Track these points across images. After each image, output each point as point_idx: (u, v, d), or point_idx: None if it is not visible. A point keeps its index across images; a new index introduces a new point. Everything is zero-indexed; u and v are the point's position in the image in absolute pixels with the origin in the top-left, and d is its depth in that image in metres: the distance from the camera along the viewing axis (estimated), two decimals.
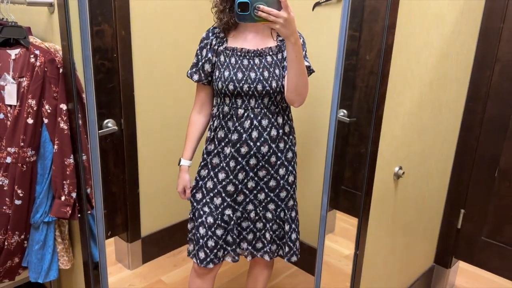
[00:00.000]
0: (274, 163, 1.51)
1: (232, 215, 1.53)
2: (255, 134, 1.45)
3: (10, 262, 1.46)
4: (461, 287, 2.33)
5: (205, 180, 1.54)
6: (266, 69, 1.43)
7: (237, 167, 1.49)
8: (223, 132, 1.49)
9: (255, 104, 1.44)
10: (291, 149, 1.55)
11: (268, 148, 1.48)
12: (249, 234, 1.58)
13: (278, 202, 1.55)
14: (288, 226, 1.58)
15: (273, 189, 1.53)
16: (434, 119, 1.73)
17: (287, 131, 1.52)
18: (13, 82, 1.36)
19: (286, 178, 1.54)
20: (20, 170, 1.34)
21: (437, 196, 2.00)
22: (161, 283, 2.23)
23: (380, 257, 1.69)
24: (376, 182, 1.44)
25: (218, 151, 1.51)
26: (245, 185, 1.51)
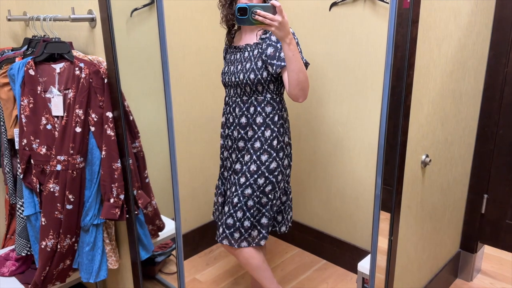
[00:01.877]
0: (241, 148, 1.69)
1: (221, 187, 1.82)
2: (231, 119, 1.69)
3: (62, 265, 1.54)
4: (488, 272, 2.37)
5: (221, 158, 1.83)
6: (240, 63, 1.64)
7: (223, 145, 1.78)
8: (224, 118, 1.76)
9: (232, 94, 1.68)
10: (260, 140, 1.64)
11: (237, 133, 1.68)
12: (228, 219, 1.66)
13: (237, 187, 1.65)
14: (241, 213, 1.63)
15: (237, 172, 1.70)
16: (455, 107, 1.79)
17: (258, 122, 1.64)
18: (59, 94, 1.44)
19: (267, 164, 1.64)
20: (71, 176, 1.43)
21: (461, 183, 2.06)
22: (196, 282, 2.31)
23: (410, 243, 1.75)
24: (406, 170, 1.50)
25: (222, 133, 1.78)
26: (227, 162, 1.78)
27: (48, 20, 1.45)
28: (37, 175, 1.48)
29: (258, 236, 1.68)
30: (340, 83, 2.13)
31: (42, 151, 1.46)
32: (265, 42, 1.58)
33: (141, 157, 1.56)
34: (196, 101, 2.30)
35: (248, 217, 1.64)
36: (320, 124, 2.26)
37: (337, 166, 2.25)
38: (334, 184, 2.29)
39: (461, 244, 2.28)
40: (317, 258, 2.49)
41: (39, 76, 1.46)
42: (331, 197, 2.33)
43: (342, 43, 2.07)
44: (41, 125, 1.46)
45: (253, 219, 1.65)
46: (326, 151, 2.28)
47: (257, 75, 1.58)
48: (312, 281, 2.27)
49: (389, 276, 1.62)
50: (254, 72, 1.58)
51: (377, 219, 1.23)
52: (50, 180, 1.44)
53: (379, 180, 1.17)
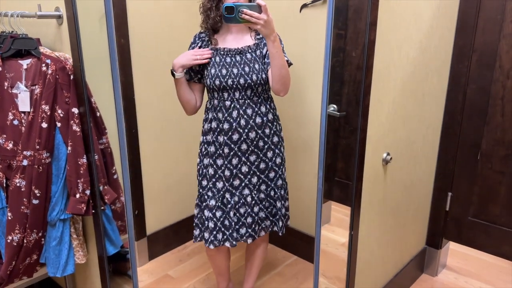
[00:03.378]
0: (262, 147, 1.71)
1: (230, 199, 1.71)
2: (243, 122, 1.66)
3: (29, 259, 1.56)
4: (453, 267, 2.46)
5: (207, 168, 1.74)
6: (247, 65, 1.64)
7: (231, 153, 1.69)
8: (215, 123, 1.69)
9: (239, 96, 1.64)
10: (277, 134, 1.74)
11: (256, 134, 1.68)
12: (248, 218, 1.74)
13: (268, 182, 1.75)
14: (279, 203, 1.79)
15: (263, 171, 1.73)
16: (418, 107, 1.86)
17: (270, 118, 1.71)
18: (25, 90, 1.46)
19: (274, 160, 1.74)
20: (37, 171, 1.44)
21: (425, 180, 2.13)
22: (169, 278, 2.33)
23: (373, 238, 1.81)
24: (366, 167, 1.56)
25: (213, 140, 1.71)
26: (239, 169, 1.70)
27: (16, 17, 1.46)
28: (4, 170, 1.49)
29: (270, 225, 1.82)
30: (310, 83, 2.18)
31: (8, 146, 1.47)
32: (262, 41, 1.67)
33: (109, 153, 1.59)
34: (168, 99, 2.33)
35: (283, 204, 1.81)
36: (292, 123, 2.31)
37: (307, 163, 2.30)
38: (305, 181, 2.34)
39: (427, 240, 2.35)
40: (289, 254, 2.54)
41: (6, 71, 1.47)
42: (301, 194, 2.38)
43: (312, 44, 2.12)
44: (8, 121, 1.48)
45: (286, 205, 1.82)
46: (295, 149, 2.33)
47: (267, 75, 1.65)
48: (282, 276, 2.32)
49: (351, 270, 1.68)
50: (265, 72, 1.64)
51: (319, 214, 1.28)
52: (16, 175, 1.45)
53: (320, 173, 1.24)
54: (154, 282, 2.29)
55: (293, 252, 2.53)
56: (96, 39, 1.40)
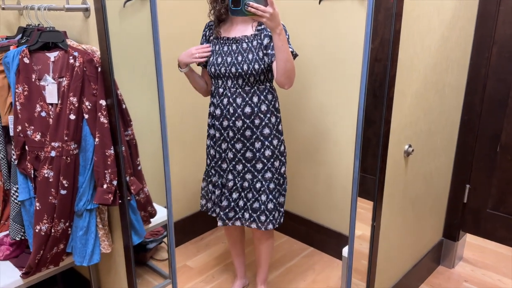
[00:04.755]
0: (249, 137, 1.72)
1: (218, 181, 1.83)
2: (231, 110, 1.70)
3: (56, 249, 1.59)
4: (469, 259, 2.46)
5: (209, 149, 1.85)
6: (240, 54, 1.66)
7: (221, 138, 1.77)
8: (212, 108, 1.77)
9: (231, 84, 1.69)
10: (269, 126, 1.73)
11: (242, 123, 1.71)
12: (224, 201, 1.81)
13: (255, 173, 1.75)
14: (265, 196, 1.76)
15: (250, 160, 1.75)
16: (439, 98, 1.86)
17: (263, 109, 1.71)
18: (53, 82, 1.48)
19: (262, 151, 1.74)
20: (65, 162, 1.47)
21: (443, 172, 2.13)
22: (187, 268, 2.37)
23: (393, 230, 1.82)
24: (388, 159, 1.57)
25: (213, 123, 1.79)
26: (226, 154, 1.77)
27: (43, 10, 1.48)
28: (32, 161, 1.52)
29: (278, 216, 1.80)
30: (328, 75, 2.18)
31: (36, 137, 1.50)
32: (262, 33, 1.66)
33: (134, 145, 1.61)
34: (188, 91, 2.34)
35: (271, 199, 1.77)
36: (308, 114, 2.32)
37: (325, 155, 2.31)
38: (322, 172, 2.35)
39: (444, 232, 2.36)
40: (305, 245, 2.56)
41: (33, 64, 1.49)
42: (318, 185, 2.39)
43: (330, 36, 2.12)
44: (36, 112, 1.50)
45: (275, 201, 1.78)
46: (314, 141, 2.34)
47: (261, 65, 1.64)
48: (299, 267, 2.34)
49: (372, 262, 1.69)
50: (258, 63, 1.64)
51: (355, 199, 1.29)
52: (44, 166, 1.48)
53: (357, 162, 1.23)
54: None
55: (309, 243, 2.55)
56: (117, 30, 1.42)
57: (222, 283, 2.22)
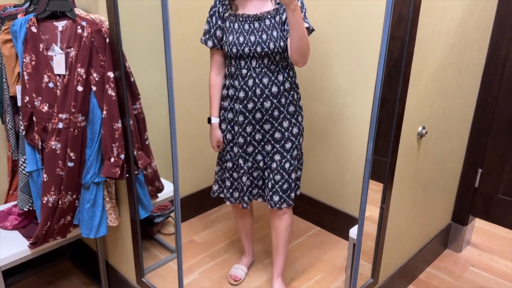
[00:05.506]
0: (277, 117, 1.67)
1: (243, 165, 1.74)
2: (258, 91, 1.63)
3: (63, 220, 1.59)
4: (477, 244, 2.44)
5: (225, 133, 1.76)
6: (265, 32, 1.58)
7: (245, 121, 1.68)
8: (232, 90, 1.68)
9: (256, 64, 1.61)
10: (293, 103, 1.69)
11: (271, 103, 1.65)
12: (259, 180, 1.79)
13: (284, 153, 1.71)
14: (294, 174, 1.74)
15: (279, 140, 1.70)
16: (455, 80, 1.80)
17: (287, 87, 1.66)
18: (61, 52, 1.45)
19: (290, 130, 1.70)
20: (72, 134, 1.45)
21: (456, 156, 2.09)
22: (194, 243, 2.38)
23: (402, 213, 1.79)
24: (401, 141, 1.53)
25: (231, 107, 1.71)
26: (253, 137, 1.71)
27: None
28: (39, 133, 1.51)
29: (279, 201, 1.76)
30: (342, 51, 2.12)
31: (44, 108, 1.48)
32: (282, 6, 1.59)
33: (142, 119, 1.59)
34: (197, 64, 2.30)
35: (298, 176, 1.80)
36: (320, 92, 2.27)
37: (336, 135, 2.27)
38: (332, 153, 2.32)
39: (453, 216, 2.33)
40: (312, 225, 2.55)
41: (41, 33, 1.46)
42: (328, 166, 2.36)
43: (346, 11, 2.05)
44: (43, 83, 1.48)
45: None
46: (325, 119, 2.30)
47: (285, 42, 1.58)
48: (304, 246, 2.34)
49: (379, 243, 1.67)
50: (283, 39, 1.58)
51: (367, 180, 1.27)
52: (52, 138, 1.47)
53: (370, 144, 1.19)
54: None
55: (316, 223, 2.54)
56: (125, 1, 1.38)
57: (228, 259, 2.23)
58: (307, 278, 2.09)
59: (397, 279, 1.94)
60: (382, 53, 1.13)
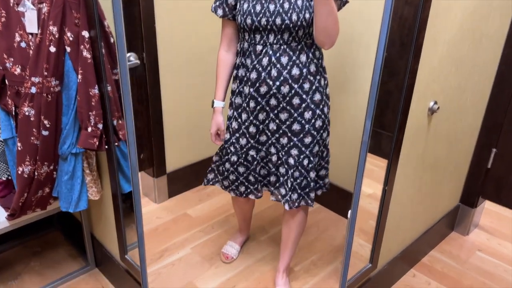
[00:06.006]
0: (297, 106, 1.41)
1: (256, 156, 1.53)
2: (274, 72, 1.37)
3: (41, 192, 1.49)
4: (485, 227, 2.31)
5: (231, 120, 1.54)
6: (287, 0, 1.32)
7: (257, 108, 1.44)
8: (243, 71, 1.44)
9: (274, 40, 1.34)
10: (319, 90, 1.43)
11: (290, 89, 1.39)
12: (272, 176, 1.56)
13: (302, 148, 1.47)
14: (313, 173, 1.51)
15: (297, 133, 1.45)
16: (474, 50, 1.62)
17: (312, 70, 1.40)
18: (32, 8, 1.30)
19: (312, 122, 1.44)
20: (45, 100, 1.32)
21: (469, 134, 1.93)
22: (187, 216, 2.28)
23: (407, 194, 1.66)
24: (410, 117, 1.38)
25: (240, 90, 1.48)
26: (266, 125, 1.47)
27: None
28: (12, 97, 1.38)
29: (298, 199, 1.54)
30: (348, 18, 1.94)
31: (16, 71, 1.35)
32: None
33: None
34: (192, 31, 2.14)
35: (322, 175, 1.59)
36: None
37: (340, 111, 2.12)
38: (335, 129, 2.17)
39: (461, 197, 2.20)
40: None
41: None
42: (330, 142, 2.22)
43: None
44: (15, 42, 1.34)
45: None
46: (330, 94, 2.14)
47: (312, 14, 1.31)
48: None
49: (380, 227, 1.55)
50: (309, 10, 1.30)
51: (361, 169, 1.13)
52: (24, 103, 1.34)
53: (368, 123, 1.03)
54: (173, 220, 2.25)
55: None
56: None
57: (222, 234, 2.13)
58: (303, 257, 1.99)
59: (398, 262, 1.83)
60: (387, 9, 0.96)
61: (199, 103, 2.34)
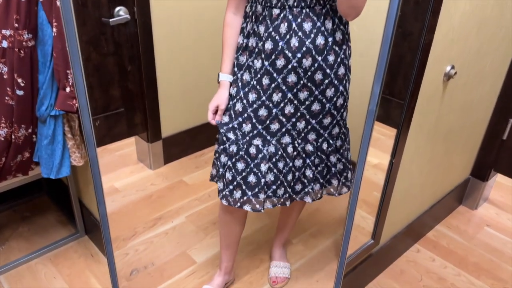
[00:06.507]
0: (319, 82, 1.18)
1: (262, 148, 1.24)
2: (295, 42, 1.12)
3: (20, 157, 1.38)
4: (495, 201, 2.20)
5: (234, 101, 1.25)
6: None
7: (272, 86, 1.18)
8: (254, 40, 1.18)
9: (294, 2, 1.10)
10: (344, 63, 1.20)
11: (312, 61, 1.14)
12: (288, 175, 1.28)
13: (320, 131, 1.26)
14: (334, 157, 1.32)
15: (316, 114, 1.23)
16: (498, 9, 1.45)
17: (338, 39, 1.16)
18: None
19: (334, 101, 1.22)
20: (18, 56, 1.19)
21: (486, 102, 1.79)
22: (183, 184, 2.19)
23: (416, 166, 1.54)
24: (424, 82, 1.24)
25: (249, 64, 1.21)
26: (281, 110, 1.20)
27: None
28: None
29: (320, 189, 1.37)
30: None
31: None
32: None
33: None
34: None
35: (339, 158, 1.35)
36: None
37: None
38: None
39: (472, 170, 2.07)
40: None
41: None
42: None
43: None
44: None
45: (344, 160, 1.35)
46: None
47: None
48: None
49: (384, 202, 1.44)
50: None
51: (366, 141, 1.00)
52: None
53: (376, 89, 0.88)
54: (168, 187, 2.16)
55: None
56: None
57: (218, 204, 2.04)
58: (302, 229, 1.90)
59: (402, 238, 1.74)
60: None
61: (197, 63, 2.19)
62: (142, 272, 1.66)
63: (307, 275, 1.68)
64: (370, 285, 1.66)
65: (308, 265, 1.72)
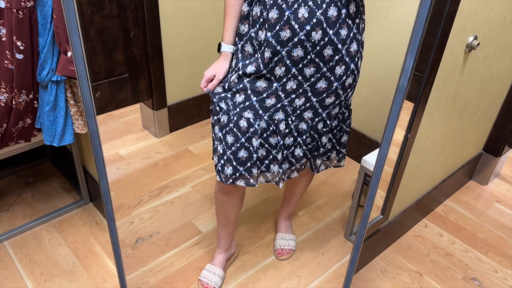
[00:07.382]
0: (329, 58, 1.08)
1: (253, 121, 1.15)
2: (304, 12, 1.02)
3: (22, 123, 1.34)
4: (506, 177, 2.16)
5: (231, 73, 1.18)
6: None
7: (274, 59, 1.08)
8: (258, 9, 1.08)
9: None
10: (357, 38, 1.10)
11: (322, 35, 1.04)
12: (279, 153, 1.21)
13: (319, 110, 1.17)
14: (325, 138, 1.26)
15: (320, 92, 1.14)
16: None
17: (352, 11, 1.06)
18: None
19: (343, 80, 1.13)
20: (16, 17, 1.13)
21: (505, 76, 1.71)
22: (189, 153, 2.15)
23: (429, 142, 1.49)
24: (445, 53, 1.16)
25: (251, 35, 1.12)
26: (282, 85, 1.12)
27: None
28: None
29: (337, 156, 1.37)
30: None
31: None
32: None
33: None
34: None
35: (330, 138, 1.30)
36: None
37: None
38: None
39: (485, 145, 2.02)
40: None
41: None
42: None
43: None
44: None
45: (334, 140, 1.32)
46: None
47: None
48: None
49: (397, 175, 1.40)
50: None
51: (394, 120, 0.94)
52: None
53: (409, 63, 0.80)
54: (174, 156, 2.13)
55: None
56: None
57: None
58: (309, 201, 1.88)
59: (411, 212, 1.71)
60: None
61: (204, 28, 2.11)
62: (147, 240, 1.65)
63: (313, 247, 1.66)
64: (376, 259, 1.64)
65: (314, 237, 1.71)
